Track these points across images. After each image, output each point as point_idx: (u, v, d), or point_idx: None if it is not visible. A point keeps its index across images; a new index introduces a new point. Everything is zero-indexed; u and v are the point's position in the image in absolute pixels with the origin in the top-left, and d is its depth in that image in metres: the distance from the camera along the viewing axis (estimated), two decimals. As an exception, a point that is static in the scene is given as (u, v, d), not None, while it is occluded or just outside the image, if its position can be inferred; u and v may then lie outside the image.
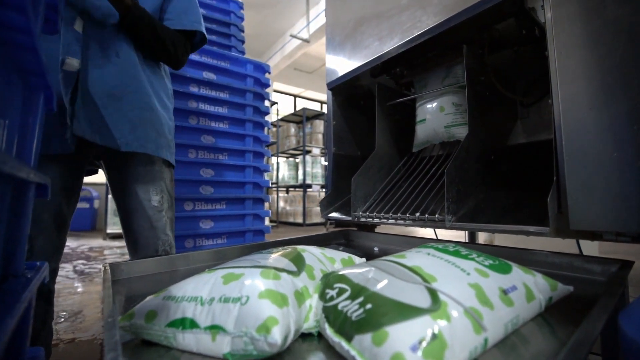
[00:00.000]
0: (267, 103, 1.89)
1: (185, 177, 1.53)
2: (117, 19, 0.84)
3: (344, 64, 1.25)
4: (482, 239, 2.24)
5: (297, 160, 5.92)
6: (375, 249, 0.99)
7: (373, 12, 1.13)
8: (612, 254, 0.72)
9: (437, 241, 0.85)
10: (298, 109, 6.40)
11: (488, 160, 0.96)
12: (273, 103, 5.86)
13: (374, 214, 0.99)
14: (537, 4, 0.80)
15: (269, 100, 1.87)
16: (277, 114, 6.35)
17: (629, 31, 0.57)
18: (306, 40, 5.89)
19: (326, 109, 1.42)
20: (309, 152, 5.53)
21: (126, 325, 0.38)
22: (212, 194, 1.60)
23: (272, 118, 6.37)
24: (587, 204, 0.59)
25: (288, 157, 6.76)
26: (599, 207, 0.58)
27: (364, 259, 0.64)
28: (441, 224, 0.81)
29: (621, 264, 0.60)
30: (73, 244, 3.83)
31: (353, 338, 0.32)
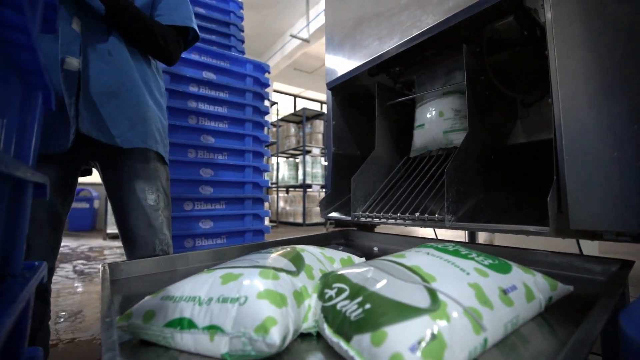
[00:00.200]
0: (266, 103, 1.89)
1: (185, 177, 1.53)
2: (105, 18, 0.83)
3: (344, 64, 1.25)
4: (482, 238, 2.24)
5: (297, 160, 5.92)
6: (375, 248, 0.99)
7: (372, 12, 1.13)
8: (612, 253, 0.72)
9: (436, 241, 0.85)
10: (298, 109, 6.40)
11: (488, 160, 0.95)
12: (273, 103, 5.86)
13: (374, 213, 0.99)
14: (537, 4, 0.80)
15: (268, 100, 1.87)
16: (277, 114, 6.35)
17: (629, 30, 0.56)
18: (306, 40, 5.89)
19: (326, 109, 1.42)
20: (309, 152, 5.53)
21: (124, 325, 0.38)
22: (211, 193, 1.59)
23: (272, 118, 6.37)
24: (587, 204, 0.59)
25: (288, 157, 6.76)
26: (599, 206, 0.58)
27: (363, 259, 0.64)
28: (441, 224, 0.80)
29: (621, 263, 0.59)
30: (73, 244, 3.83)
31: (352, 338, 0.32)
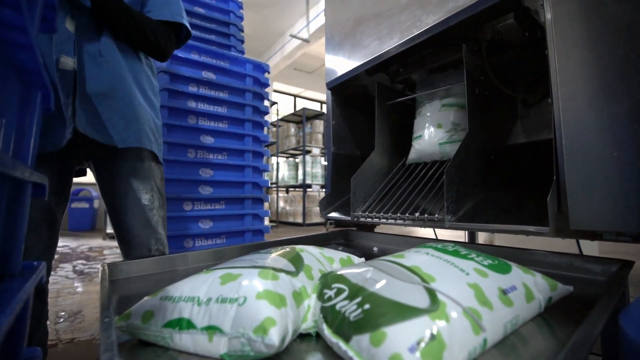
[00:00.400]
0: (266, 103, 1.89)
1: (185, 176, 1.53)
2: (97, 19, 0.83)
3: (344, 64, 1.24)
4: (482, 239, 2.24)
5: (297, 160, 5.91)
6: (375, 248, 0.99)
7: (372, 12, 1.13)
8: (612, 253, 0.72)
9: (436, 241, 0.85)
10: (298, 109, 6.40)
11: (488, 160, 0.95)
12: (273, 103, 5.86)
13: (374, 213, 0.99)
14: (537, 4, 0.80)
15: (268, 99, 1.86)
16: (277, 114, 6.34)
17: (628, 30, 0.56)
18: (306, 40, 5.89)
19: (326, 109, 1.42)
20: (309, 152, 5.53)
21: (123, 325, 0.38)
22: (211, 193, 1.59)
23: (272, 118, 6.36)
24: (587, 204, 0.59)
25: (288, 157, 6.75)
26: (599, 206, 0.58)
27: (363, 259, 0.64)
28: (441, 224, 0.80)
29: (621, 263, 0.59)
30: (73, 244, 3.83)
31: (351, 338, 0.32)
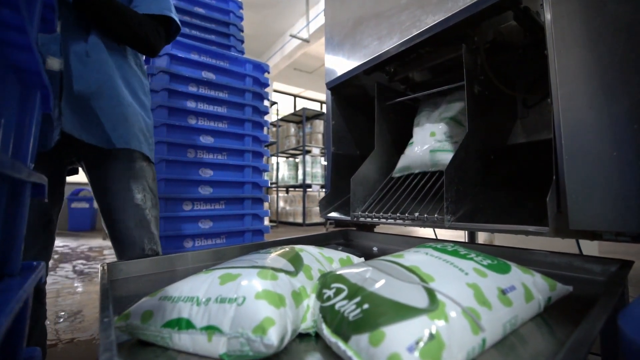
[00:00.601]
0: (266, 103, 1.89)
1: (184, 176, 1.53)
2: (85, 18, 0.82)
3: (343, 64, 1.24)
4: (482, 238, 2.24)
5: (296, 160, 5.91)
6: (374, 248, 0.99)
7: (372, 12, 1.13)
8: (612, 253, 0.72)
9: (435, 241, 0.85)
10: (298, 108, 6.39)
11: (487, 160, 0.95)
12: (273, 103, 5.86)
13: (373, 213, 0.99)
14: (537, 4, 0.80)
15: (268, 99, 1.86)
16: (277, 114, 6.34)
17: (628, 30, 0.56)
18: (306, 40, 5.88)
19: (326, 109, 1.42)
20: (309, 152, 5.53)
21: (122, 325, 0.38)
22: (211, 193, 1.59)
23: (272, 118, 6.36)
24: (586, 204, 0.59)
25: (288, 157, 6.75)
26: (599, 206, 0.58)
27: (362, 259, 0.64)
28: (440, 224, 0.80)
29: (621, 263, 0.59)
30: (73, 244, 3.83)
31: (350, 338, 0.32)
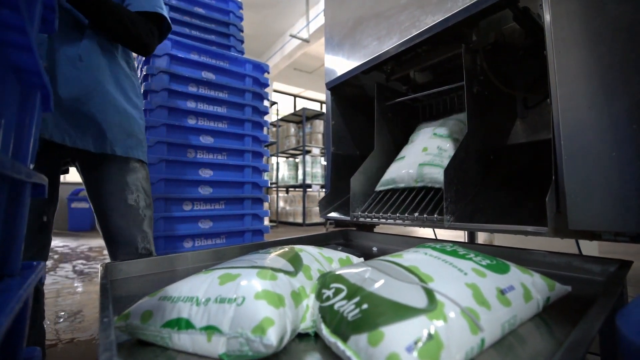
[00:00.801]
0: (266, 103, 1.89)
1: (184, 177, 1.53)
2: (79, 22, 0.82)
3: (343, 64, 1.24)
4: (481, 238, 2.24)
5: (296, 160, 5.91)
6: (374, 248, 0.99)
7: (372, 12, 1.13)
8: (612, 253, 0.72)
9: (435, 241, 0.85)
10: (298, 108, 6.39)
11: (487, 160, 0.95)
12: (273, 103, 5.85)
13: (373, 213, 0.99)
14: (536, 4, 0.80)
15: (268, 99, 1.86)
16: (277, 114, 6.34)
17: (628, 30, 0.56)
18: (306, 40, 5.89)
19: (325, 109, 1.42)
20: (309, 152, 5.53)
21: (122, 325, 0.38)
22: (211, 193, 1.59)
23: (272, 118, 6.36)
24: (585, 204, 0.59)
25: (288, 157, 6.75)
26: (598, 206, 0.58)
27: (362, 259, 0.64)
28: (440, 224, 0.80)
29: (620, 263, 0.59)
30: (73, 244, 3.83)
31: (349, 338, 0.32)
